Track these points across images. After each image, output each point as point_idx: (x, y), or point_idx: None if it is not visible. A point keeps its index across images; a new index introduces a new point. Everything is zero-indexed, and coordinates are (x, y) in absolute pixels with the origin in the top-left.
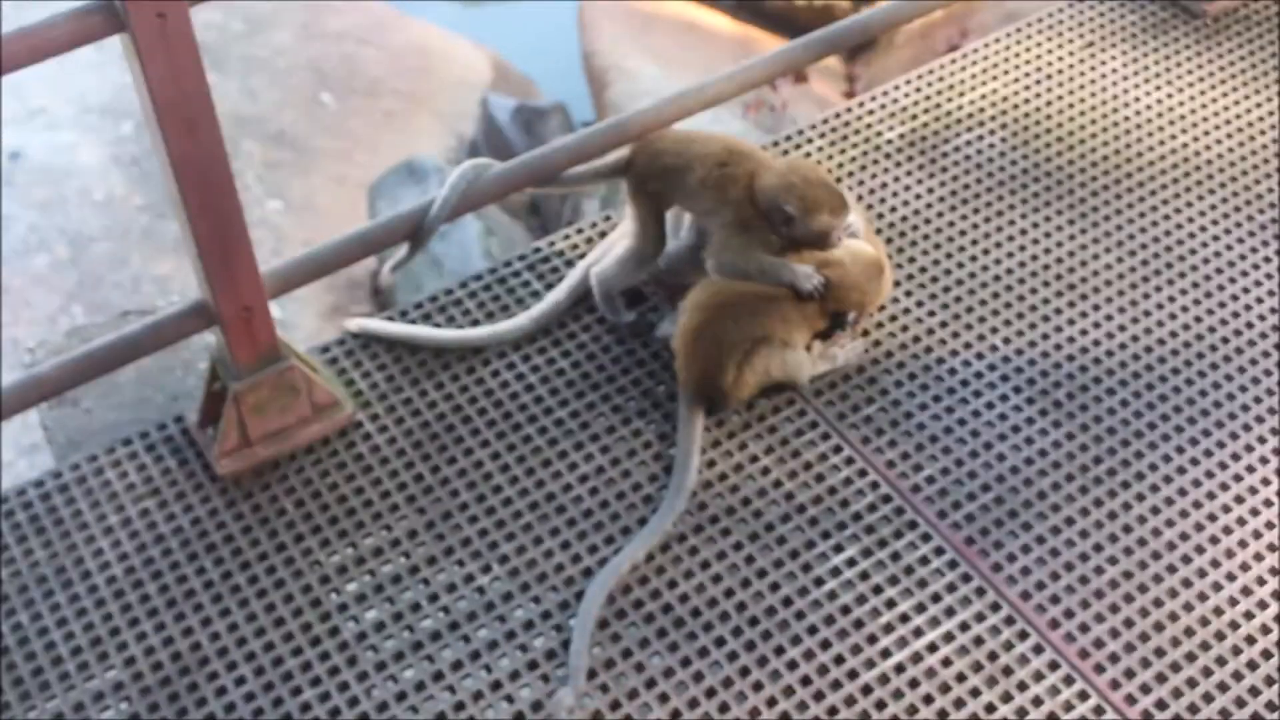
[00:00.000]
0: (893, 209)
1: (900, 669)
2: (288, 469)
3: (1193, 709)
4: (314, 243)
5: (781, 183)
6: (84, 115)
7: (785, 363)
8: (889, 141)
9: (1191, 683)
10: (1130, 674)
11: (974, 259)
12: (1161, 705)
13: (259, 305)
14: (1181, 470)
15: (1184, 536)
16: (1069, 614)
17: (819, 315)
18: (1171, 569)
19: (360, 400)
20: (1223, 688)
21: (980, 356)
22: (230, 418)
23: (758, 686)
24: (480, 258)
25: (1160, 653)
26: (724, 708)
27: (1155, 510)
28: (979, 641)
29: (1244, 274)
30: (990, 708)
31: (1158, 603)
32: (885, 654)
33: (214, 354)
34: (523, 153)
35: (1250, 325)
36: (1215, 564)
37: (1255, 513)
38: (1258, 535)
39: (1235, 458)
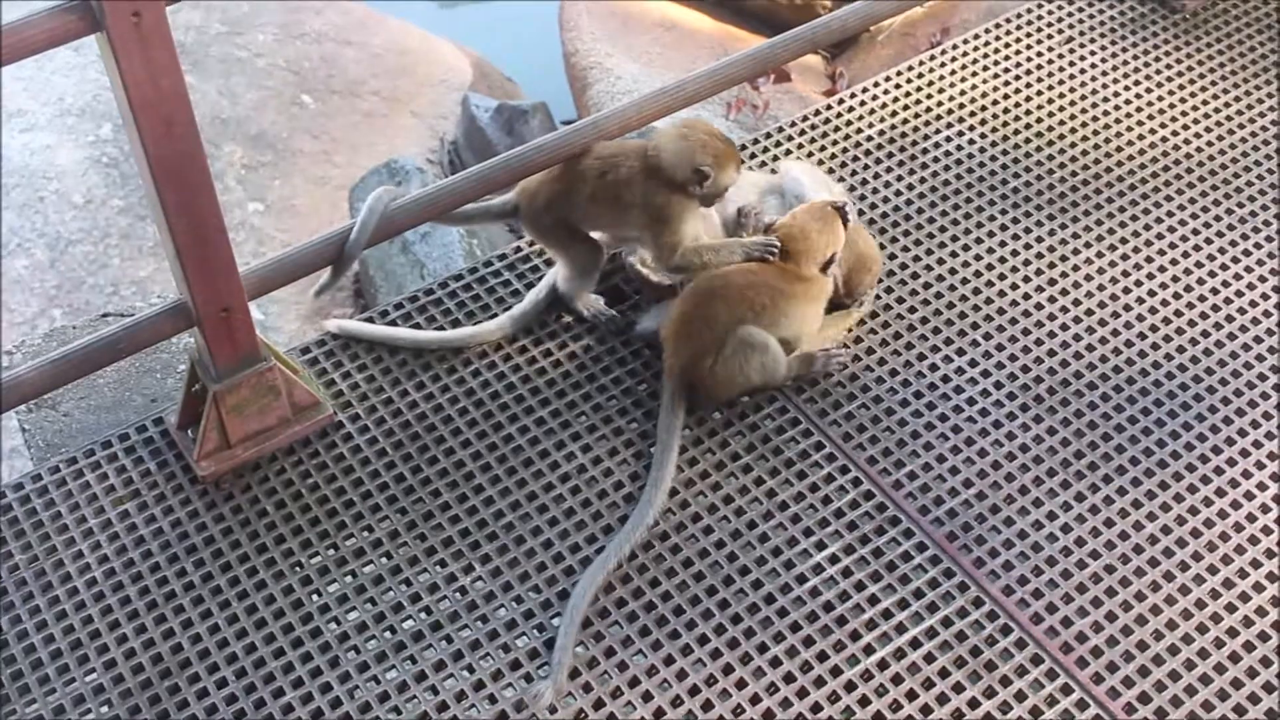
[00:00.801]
0: (873, 205)
1: (883, 665)
2: (268, 470)
3: (1176, 702)
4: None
5: (688, 145)
6: (62, 117)
7: (764, 366)
8: (870, 138)
9: (1174, 676)
10: (1114, 668)
11: (954, 255)
12: (1145, 699)
13: (238, 305)
14: (1163, 464)
15: (1166, 530)
16: (1052, 609)
17: (807, 271)
18: (1154, 563)
19: (341, 401)
20: (1205, 681)
21: (961, 353)
22: (210, 419)
23: (741, 684)
24: (462, 259)
25: (1143, 646)
26: (707, 705)
27: (1137, 504)
28: (962, 637)
29: (1223, 267)
30: (974, 703)
31: (1140, 597)
32: (868, 650)
33: (193, 355)
34: (503, 152)
35: (1230, 319)
36: (1197, 558)
37: (1237, 506)
38: (1239, 528)
39: (1216, 451)
